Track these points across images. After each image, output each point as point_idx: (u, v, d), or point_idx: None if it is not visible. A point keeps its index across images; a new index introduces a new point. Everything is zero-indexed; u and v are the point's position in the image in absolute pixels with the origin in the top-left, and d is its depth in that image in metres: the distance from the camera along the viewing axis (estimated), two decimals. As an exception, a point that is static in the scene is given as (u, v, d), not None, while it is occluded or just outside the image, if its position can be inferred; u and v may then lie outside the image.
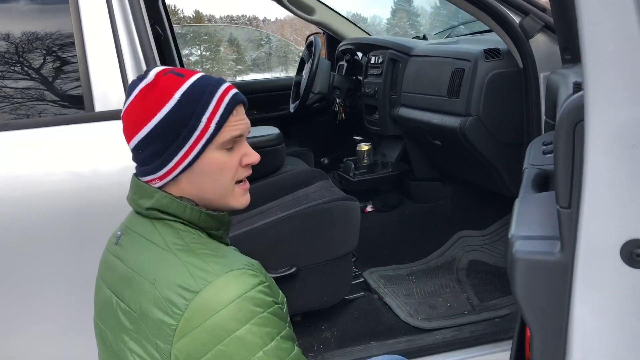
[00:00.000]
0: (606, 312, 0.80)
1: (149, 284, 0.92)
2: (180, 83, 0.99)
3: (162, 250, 0.95)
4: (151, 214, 1.00)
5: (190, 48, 13.08)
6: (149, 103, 0.97)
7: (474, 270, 2.45)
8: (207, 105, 0.99)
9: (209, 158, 1.00)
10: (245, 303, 0.87)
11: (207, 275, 0.89)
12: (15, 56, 1.58)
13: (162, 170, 0.99)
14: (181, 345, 0.87)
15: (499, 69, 2.06)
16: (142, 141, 0.98)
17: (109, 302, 1.01)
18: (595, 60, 0.70)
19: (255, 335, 0.87)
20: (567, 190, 0.79)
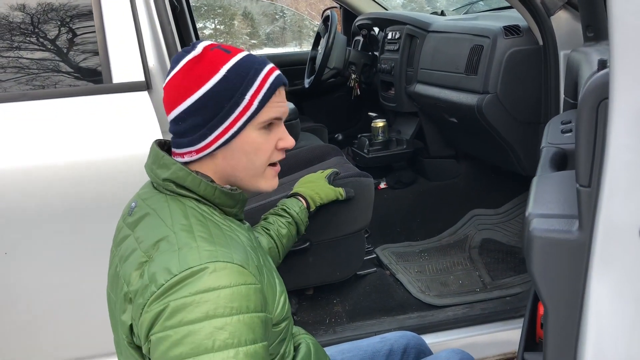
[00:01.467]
0: (623, 291, 0.80)
1: (145, 260, 0.92)
2: (227, 58, 0.99)
3: (166, 228, 0.95)
4: (167, 186, 1.00)
5: (204, 21, 13.01)
6: (195, 75, 0.98)
7: (486, 248, 2.45)
8: (252, 82, 0.99)
9: (247, 137, 1.00)
10: (213, 298, 0.85)
11: (192, 260, 0.88)
12: (33, 27, 1.58)
13: (201, 143, 0.99)
14: (143, 319, 0.87)
15: (518, 46, 2.03)
16: (183, 112, 0.98)
17: (116, 272, 1.02)
18: (623, 37, 0.69)
19: (208, 337, 0.84)
20: (588, 169, 0.79)
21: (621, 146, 0.74)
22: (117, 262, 1.01)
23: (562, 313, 0.87)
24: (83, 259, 1.55)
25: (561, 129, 1.34)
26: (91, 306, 1.60)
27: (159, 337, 0.85)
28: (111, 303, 1.05)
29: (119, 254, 1.01)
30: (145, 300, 0.87)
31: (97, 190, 1.51)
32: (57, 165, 1.48)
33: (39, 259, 1.53)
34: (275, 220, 1.51)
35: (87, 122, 1.52)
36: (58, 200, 1.49)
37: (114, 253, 1.06)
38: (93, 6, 1.57)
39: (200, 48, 0.99)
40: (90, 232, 1.53)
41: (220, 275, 0.86)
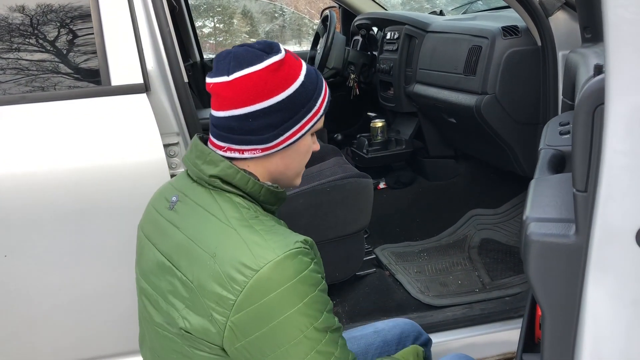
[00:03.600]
0: (619, 296, 0.80)
1: (209, 257, 0.95)
2: (300, 64, 1.06)
3: (222, 224, 0.98)
4: (213, 182, 1.03)
5: (203, 20, 13.00)
6: (281, 77, 1.01)
7: (485, 248, 2.45)
8: (320, 91, 1.08)
9: (306, 140, 1.09)
10: (300, 284, 0.93)
11: (266, 253, 0.93)
12: (31, 30, 1.58)
13: (272, 142, 1.03)
14: (237, 319, 0.92)
15: (516, 47, 2.03)
16: (262, 111, 1.01)
17: (162, 266, 1.04)
18: (618, 43, 0.69)
19: (306, 315, 0.93)
20: (584, 174, 0.79)
21: (617, 151, 0.74)
22: (165, 257, 1.04)
23: (559, 317, 0.87)
24: (82, 262, 1.55)
25: (559, 131, 1.34)
26: (90, 309, 1.61)
27: (249, 343, 0.93)
28: (149, 295, 1.08)
29: (166, 248, 1.04)
30: (233, 299, 0.92)
31: (97, 193, 1.51)
32: (56, 168, 1.48)
33: (37, 262, 1.53)
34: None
35: (86, 125, 1.52)
36: (57, 203, 1.50)
37: (150, 244, 1.09)
38: (91, 8, 1.57)
39: (284, 51, 1.04)
40: (90, 234, 1.53)
41: (290, 265, 0.93)
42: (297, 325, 0.93)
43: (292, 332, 0.93)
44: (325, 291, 0.99)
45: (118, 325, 1.61)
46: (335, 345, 0.99)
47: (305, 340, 0.94)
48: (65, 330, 1.62)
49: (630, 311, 0.80)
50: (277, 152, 1.05)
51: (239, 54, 1.03)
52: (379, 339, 1.42)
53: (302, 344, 0.94)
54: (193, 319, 0.97)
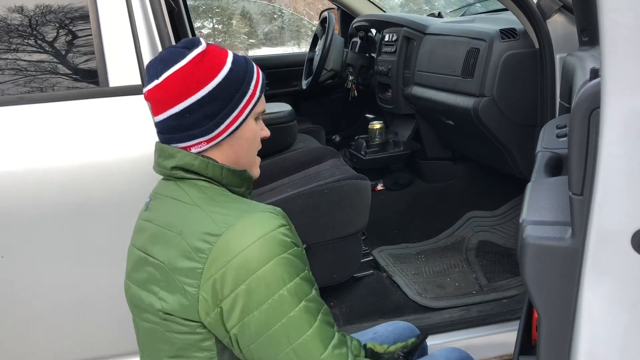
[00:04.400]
0: (615, 299, 0.80)
1: (177, 236, 0.99)
2: (225, 52, 1.09)
3: (187, 205, 1.02)
4: (176, 174, 1.06)
5: (202, 21, 13.01)
6: (206, 67, 1.04)
7: (483, 250, 2.46)
8: (252, 74, 1.10)
9: (249, 125, 1.10)
10: (266, 243, 0.94)
11: (227, 218, 0.96)
12: (30, 31, 1.58)
13: (214, 132, 1.05)
14: (207, 287, 0.94)
15: (514, 50, 2.04)
16: (195, 104, 1.03)
17: (139, 260, 1.07)
18: (613, 48, 0.69)
19: (276, 275, 0.94)
20: (580, 177, 0.80)
21: (612, 155, 0.75)
22: (140, 250, 1.07)
23: (555, 319, 0.87)
24: (79, 262, 1.55)
25: (556, 133, 1.35)
26: (88, 309, 1.61)
27: (231, 302, 0.93)
28: (133, 293, 1.09)
29: (141, 243, 1.08)
30: (201, 267, 0.94)
31: (95, 192, 1.51)
32: (54, 168, 1.49)
33: (34, 262, 1.53)
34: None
35: (84, 126, 1.52)
36: (56, 202, 1.50)
37: (132, 249, 1.12)
38: (90, 10, 1.57)
39: (205, 44, 1.06)
40: (87, 235, 1.53)
41: (259, 223, 0.96)
42: (267, 286, 0.93)
43: (261, 294, 0.93)
44: (300, 258, 0.99)
45: (116, 325, 1.61)
46: (312, 316, 0.98)
47: (276, 304, 0.94)
48: (62, 331, 1.61)
49: (626, 314, 0.81)
50: (223, 141, 1.07)
51: (163, 56, 1.06)
52: (377, 343, 1.42)
53: (273, 307, 0.94)
54: (169, 298, 0.99)
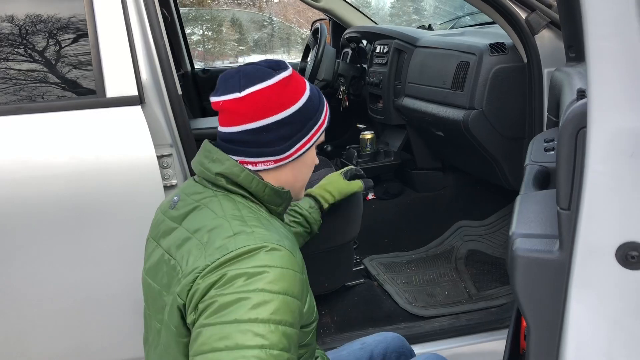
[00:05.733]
0: (600, 310, 0.84)
1: (200, 244, 0.99)
2: (304, 80, 1.15)
3: (219, 218, 1.02)
4: (218, 181, 1.07)
5: (192, 27, 13.00)
6: (290, 91, 1.09)
7: (472, 259, 2.49)
8: (323, 105, 1.16)
9: (312, 152, 1.16)
10: (265, 275, 0.92)
11: (247, 241, 0.95)
12: (27, 41, 1.60)
13: (284, 154, 1.09)
14: (197, 288, 0.94)
15: (503, 64, 2.08)
16: (275, 124, 1.07)
17: (162, 260, 1.08)
18: (599, 72, 0.73)
19: (255, 307, 0.89)
20: (568, 193, 0.83)
21: (598, 172, 0.78)
22: (165, 251, 1.07)
23: (544, 330, 0.91)
24: (74, 272, 1.56)
25: (544, 147, 1.38)
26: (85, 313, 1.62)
27: (209, 303, 0.91)
28: (152, 291, 1.11)
29: (167, 244, 1.08)
30: (199, 272, 0.94)
31: (92, 202, 1.53)
32: (51, 178, 1.50)
33: (31, 268, 1.54)
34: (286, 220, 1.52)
35: (81, 136, 1.53)
36: (52, 212, 1.51)
37: (155, 244, 1.13)
38: (87, 21, 1.59)
39: (290, 68, 1.11)
40: (83, 244, 1.55)
41: (274, 255, 0.94)
42: (241, 310, 0.89)
43: (233, 314, 0.89)
44: (291, 309, 0.94)
45: (111, 329, 1.62)
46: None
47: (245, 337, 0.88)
48: (58, 336, 1.62)
49: (610, 324, 0.84)
50: (288, 163, 1.11)
51: (248, 71, 1.08)
52: (365, 354, 1.45)
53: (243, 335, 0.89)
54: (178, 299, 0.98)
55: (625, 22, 0.71)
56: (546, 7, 1.89)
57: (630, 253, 0.79)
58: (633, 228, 0.78)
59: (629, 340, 0.83)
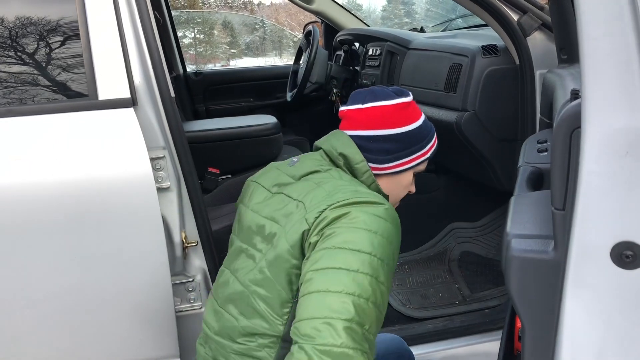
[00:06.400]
0: (595, 309, 0.84)
1: (325, 192, 1.15)
2: (421, 113, 1.34)
3: (340, 180, 1.19)
4: (337, 159, 1.25)
5: (183, 30, 12.98)
6: (405, 115, 1.28)
7: (465, 261, 2.50)
8: (432, 138, 1.34)
9: (408, 175, 1.33)
10: (383, 224, 1.08)
11: (370, 197, 1.12)
12: (18, 44, 1.59)
13: (382, 164, 1.27)
14: (325, 215, 1.09)
15: (496, 65, 2.09)
16: (382, 137, 1.26)
17: (279, 200, 1.23)
18: (593, 72, 0.73)
19: (369, 245, 1.04)
20: (562, 193, 0.83)
21: (592, 172, 0.79)
22: (286, 195, 1.22)
23: (539, 329, 0.91)
24: (66, 273, 1.55)
25: (537, 148, 1.39)
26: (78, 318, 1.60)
27: (333, 231, 1.07)
28: (256, 222, 1.26)
29: (287, 191, 1.24)
30: (328, 205, 1.10)
31: (83, 205, 1.52)
32: (43, 180, 1.49)
33: (23, 273, 1.53)
34: None
35: (73, 138, 1.52)
36: (44, 214, 1.50)
37: (262, 187, 1.31)
38: (79, 23, 1.58)
39: (410, 96, 1.32)
40: (75, 247, 1.53)
41: (392, 215, 1.12)
42: (354, 250, 1.04)
43: (339, 260, 1.03)
44: (393, 255, 1.10)
45: (105, 333, 1.61)
46: (360, 315, 1.01)
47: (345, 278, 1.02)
48: (54, 338, 1.61)
49: (604, 323, 0.84)
50: (383, 176, 1.28)
51: (376, 90, 1.31)
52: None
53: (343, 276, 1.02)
54: (290, 235, 1.13)
55: (619, 22, 0.71)
56: (538, 10, 1.91)
57: (625, 252, 0.80)
58: (628, 227, 0.79)
59: (625, 340, 0.83)
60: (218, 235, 1.84)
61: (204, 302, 1.71)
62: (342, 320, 0.98)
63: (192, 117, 3.60)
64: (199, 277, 1.71)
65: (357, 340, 0.99)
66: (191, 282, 1.70)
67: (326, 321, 0.98)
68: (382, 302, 1.07)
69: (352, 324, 0.99)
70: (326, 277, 1.03)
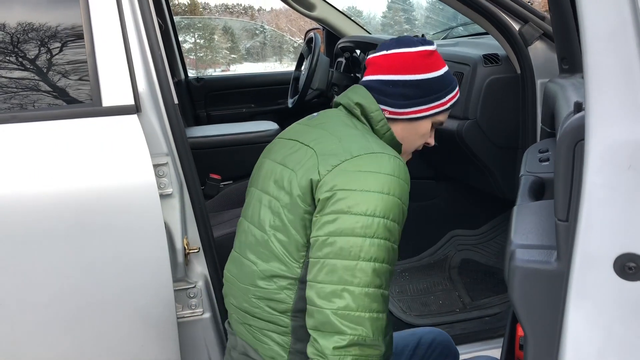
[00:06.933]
0: (598, 320, 0.84)
1: (337, 140, 1.20)
2: (444, 64, 1.34)
3: (351, 128, 1.24)
4: (354, 109, 1.29)
5: (184, 35, 13.00)
6: (424, 63, 1.29)
7: (465, 268, 2.50)
8: (453, 90, 1.34)
9: (425, 123, 1.33)
10: (395, 184, 1.12)
11: (373, 147, 1.16)
12: (23, 50, 1.60)
13: (400, 109, 1.29)
14: (335, 173, 1.13)
15: (497, 74, 2.10)
16: (401, 82, 1.29)
17: (299, 149, 1.26)
18: (596, 85, 0.74)
19: (389, 205, 1.10)
20: (566, 205, 0.84)
21: (596, 184, 0.80)
22: (305, 144, 1.25)
23: (542, 340, 0.91)
24: (68, 281, 1.55)
25: (539, 158, 1.40)
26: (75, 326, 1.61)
27: (347, 194, 1.10)
28: (275, 172, 1.28)
29: (306, 139, 1.26)
30: (341, 159, 1.14)
31: (86, 210, 1.52)
32: (47, 185, 1.49)
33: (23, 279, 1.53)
34: None
35: (77, 144, 1.53)
36: (46, 220, 1.50)
37: (288, 140, 1.33)
38: (84, 29, 1.59)
39: (434, 45, 1.32)
40: (79, 252, 1.54)
41: (402, 167, 1.15)
42: (366, 203, 1.09)
43: (359, 206, 1.09)
44: (403, 213, 1.15)
45: (105, 337, 1.61)
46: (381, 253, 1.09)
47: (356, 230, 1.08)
48: (53, 342, 1.61)
49: (607, 334, 0.85)
50: (400, 120, 1.30)
51: (401, 38, 1.33)
52: (414, 339, 1.52)
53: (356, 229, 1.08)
54: (301, 180, 1.17)
55: (622, 35, 0.72)
56: (539, 19, 1.92)
57: (628, 264, 0.80)
58: (631, 239, 0.79)
59: (627, 351, 0.84)
60: (219, 241, 1.85)
61: (205, 308, 1.71)
62: (359, 287, 1.07)
63: (194, 122, 3.61)
64: (201, 284, 1.71)
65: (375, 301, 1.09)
66: (193, 289, 1.71)
67: (347, 289, 1.07)
68: (394, 257, 1.15)
69: (369, 289, 1.08)
70: (338, 246, 1.09)
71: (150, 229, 1.54)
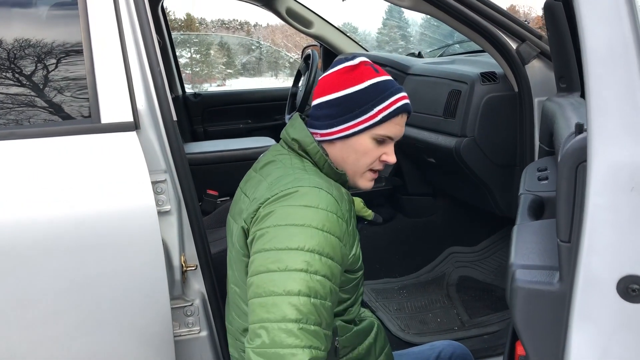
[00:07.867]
0: (601, 342, 0.84)
1: (267, 185, 1.21)
2: (373, 75, 1.27)
3: (287, 168, 1.24)
4: (292, 144, 1.28)
5: (180, 50, 13.05)
6: (344, 79, 1.26)
7: (463, 286, 2.49)
8: (384, 100, 1.25)
9: (362, 140, 1.26)
10: (312, 213, 1.10)
11: (303, 183, 1.15)
12: (22, 66, 1.59)
13: (327, 130, 1.27)
14: (258, 214, 1.16)
15: (494, 93, 2.11)
16: (324, 103, 1.26)
17: (239, 198, 1.32)
18: (598, 108, 0.75)
19: (302, 241, 1.08)
20: (568, 226, 0.84)
21: (598, 205, 0.80)
22: (243, 192, 1.31)
23: None
24: (65, 302, 1.54)
25: (538, 176, 1.40)
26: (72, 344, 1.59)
27: (264, 232, 1.12)
28: (229, 223, 1.38)
29: (246, 187, 1.31)
30: (262, 202, 1.16)
31: (84, 228, 1.51)
32: (45, 202, 1.48)
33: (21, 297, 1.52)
34: None
35: (75, 162, 1.52)
36: (42, 237, 1.49)
37: (239, 192, 1.36)
38: (84, 46, 1.59)
39: (357, 61, 1.27)
40: (74, 269, 1.52)
41: (322, 198, 1.13)
42: (289, 239, 1.09)
43: (279, 241, 1.10)
44: (333, 247, 1.11)
45: (104, 359, 1.59)
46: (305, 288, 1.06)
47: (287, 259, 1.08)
48: None
49: (612, 358, 0.84)
50: (335, 141, 1.27)
51: (335, 61, 1.31)
52: (434, 354, 1.52)
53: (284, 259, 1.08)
54: (239, 230, 1.22)
55: (624, 57, 0.73)
56: (536, 38, 1.94)
57: (632, 286, 0.80)
58: (634, 261, 0.79)
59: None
60: (217, 258, 1.84)
61: (202, 326, 1.70)
62: (272, 323, 1.05)
63: (190, 138, 3.60)
64: (198, 302, 1.70)
65: (302, 338, 1.05)
66: (190, 307, 1.69)
67: (263, 326, 1.06)
68: (319, 288, 1.09)
69: (294, 324, 1.05)
70: (255, 285, 1.10)
71: (147, 246, 1.53)
